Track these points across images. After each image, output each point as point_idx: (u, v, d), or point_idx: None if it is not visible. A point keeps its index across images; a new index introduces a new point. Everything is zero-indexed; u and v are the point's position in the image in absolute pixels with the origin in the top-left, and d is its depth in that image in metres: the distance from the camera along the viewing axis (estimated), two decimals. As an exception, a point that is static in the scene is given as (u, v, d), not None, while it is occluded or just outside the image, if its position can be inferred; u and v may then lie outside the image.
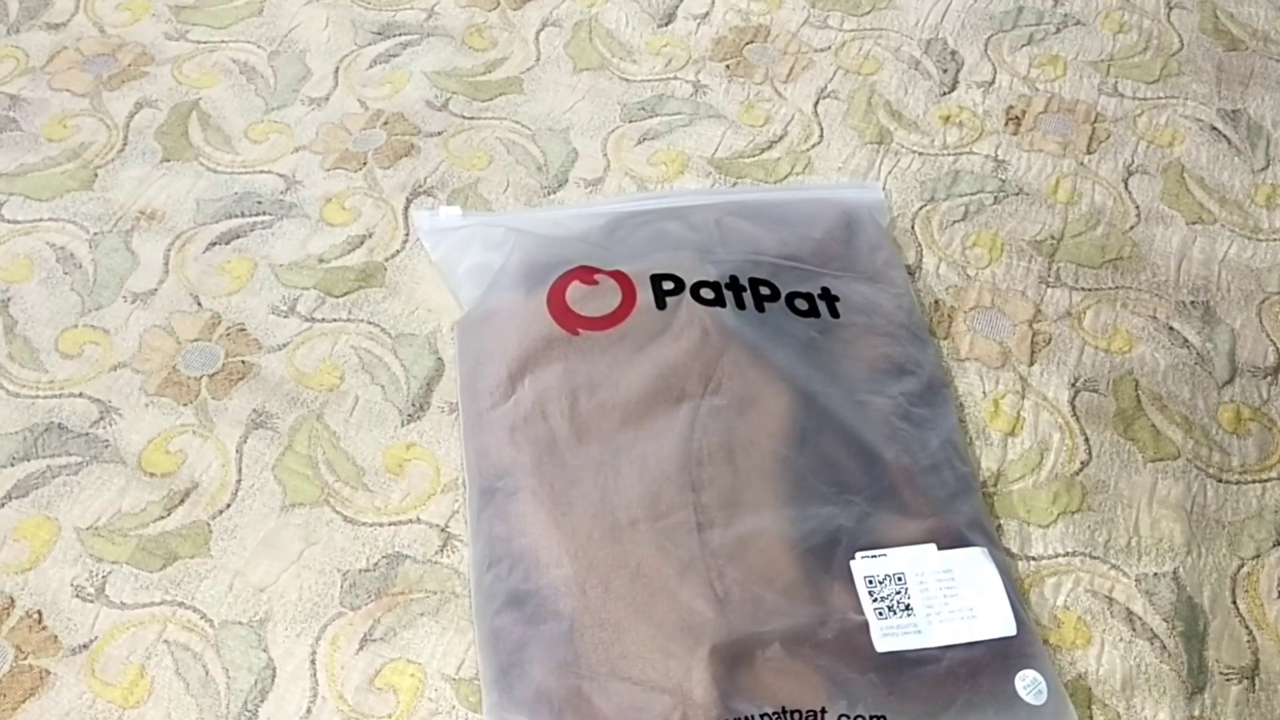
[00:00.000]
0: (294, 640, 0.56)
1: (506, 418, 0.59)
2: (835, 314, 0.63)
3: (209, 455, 0.63)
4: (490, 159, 0.78)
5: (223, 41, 0.85)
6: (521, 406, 0.59)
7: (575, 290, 0.63)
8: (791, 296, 0.64)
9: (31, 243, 0.72)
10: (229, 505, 0.61)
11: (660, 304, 0.62)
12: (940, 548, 0.54)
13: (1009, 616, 0.53)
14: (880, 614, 0.52)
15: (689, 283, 0.63)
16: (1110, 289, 0.71)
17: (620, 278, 0.63)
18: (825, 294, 0.64)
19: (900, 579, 0.53)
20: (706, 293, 0.62)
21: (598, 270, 0.63)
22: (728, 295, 0.63)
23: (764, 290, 0.64)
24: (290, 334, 0.68)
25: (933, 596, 0.53)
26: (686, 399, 0.58)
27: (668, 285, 0.63)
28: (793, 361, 0.60)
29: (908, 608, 0.52)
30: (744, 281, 0.63)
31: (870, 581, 0.53)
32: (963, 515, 0.57)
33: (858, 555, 0.54)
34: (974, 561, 0.54)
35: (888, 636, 0.52)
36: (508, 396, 0.60)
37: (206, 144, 0.78)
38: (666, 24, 0.87)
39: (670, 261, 0.64)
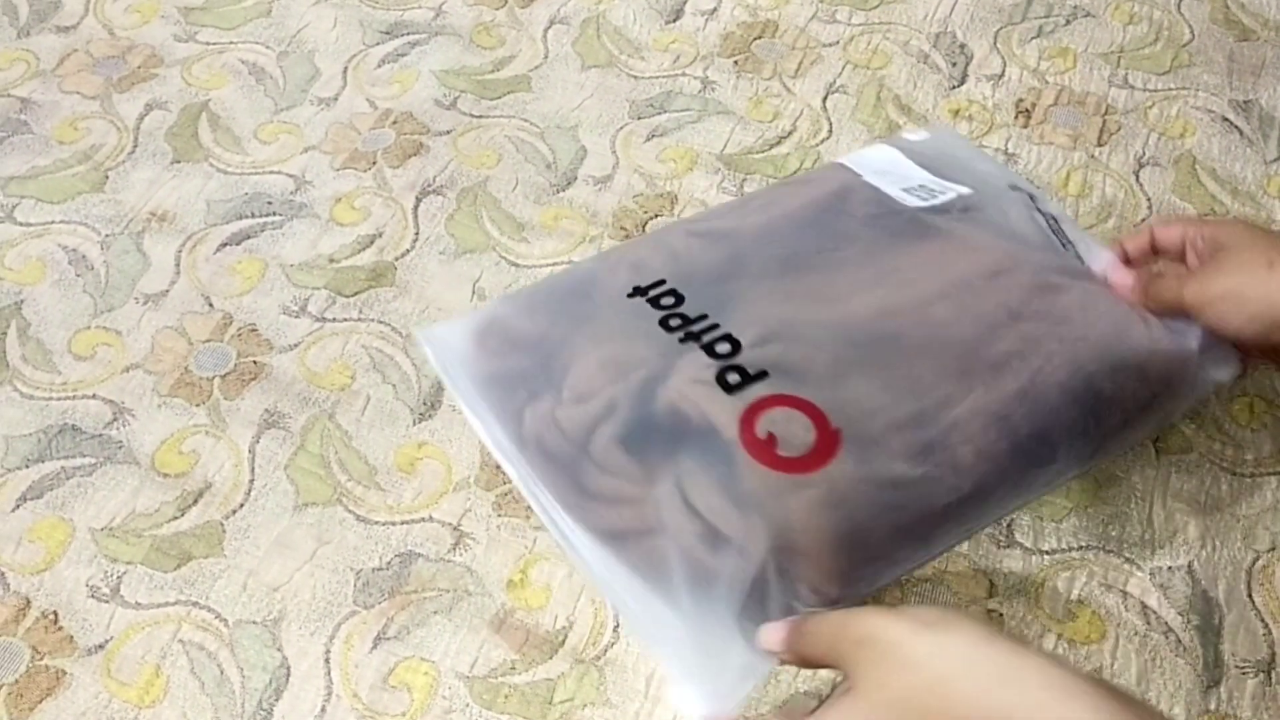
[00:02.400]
0: (308, 639, 0.56)
1: None
2: None
3: (222, 455, 0.63)
4: (499, 157, 0.78)
5: (232, 43, 0.85)
6: None
7: None
8: None
9: (44, 245, 0.73)
10: (242, 505, 0.61)
11: None
12: None
13: None
14: None
15: None
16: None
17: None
18: None
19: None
20: None
21: None
22: None
23: None
24: (301, 334, 0.68)
25: None
26: None
27: None
28: None
29: None
30: None
31: None
32: None
33: None
34: None
35: None
36: None
37: (216, 145, 0.78)
38: (674, 20, 0.87)
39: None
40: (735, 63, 0.84)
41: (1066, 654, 0.56)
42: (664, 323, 0.55)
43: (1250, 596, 0.58)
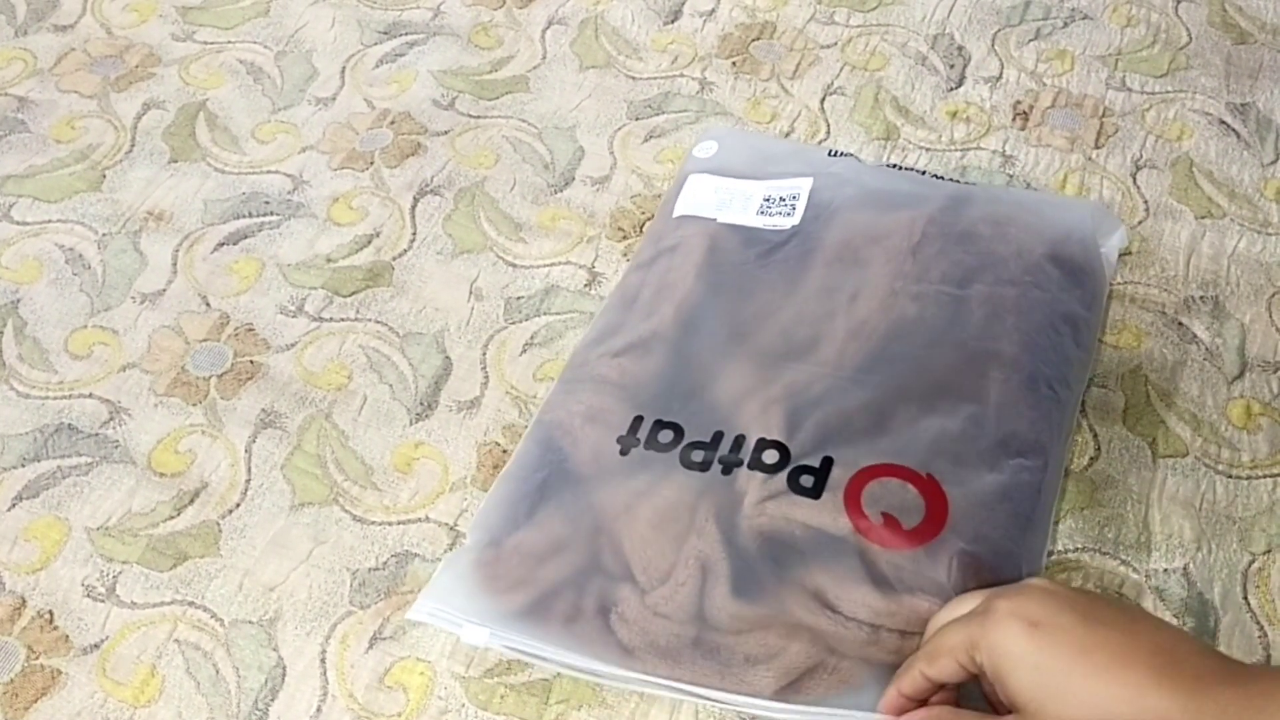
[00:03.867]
0: (304, 639, 0.56)
1: None
2: None
3: (218, 455, 0.63)
4: (497, 157, 0.78)
5: (229, 42, 0.85)
6: None
7: None
8: None
9: (40, 244, 0.72)
10: (238, 505, 0.61)
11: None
12: None
13: None
14: None
15: None
16: (1119, 284, 0.70)
17: None
18: None
19: None
20: None
21: None
22: None
23: None
24: (298, 334, 0.68)
25: None
26: None
27: None
28: None
29: None
30: None
31: None
32: None
33: None
34: None
35: None
36: None
37: (214, 144, 0.78)
38: (672, 21, 0.87)
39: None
40: (733, 64, 0.84)
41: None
42: (686, 462, 0.53)
43: (1246, 599, 0.58)
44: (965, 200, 0.62)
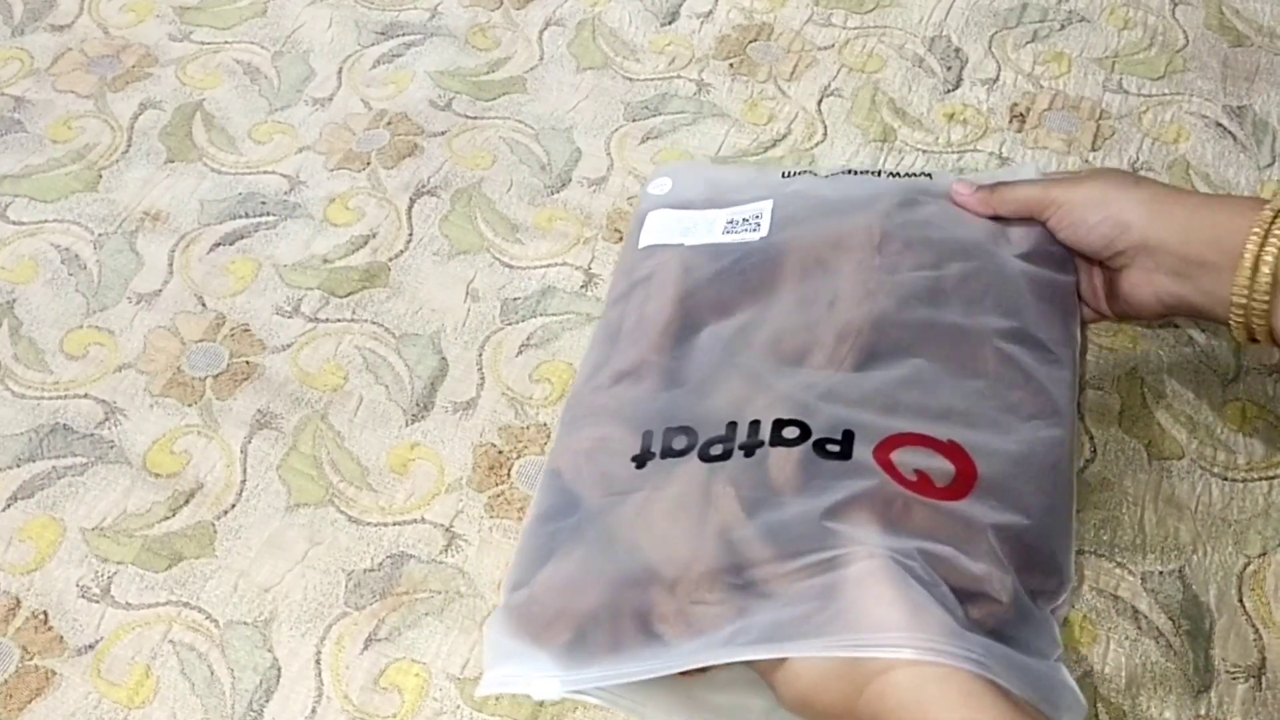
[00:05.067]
0: (299, 640, 0.56)
1: None
2: None
3: (214, 456, 0.63)
4: (494, 158, 0.78)
5: (226, 42, 0.85)
6: None
7: None
8: None
9: (36, 244, 0.72)
10: (234, 505, 0.61)
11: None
12: None
13: None
14: None
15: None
16: (1115, 286, 0.70)
17: None
18: None
19: None
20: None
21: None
22: None
23: None
24: (294, 334, 0.68)
25: None
26: None
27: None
28: None
29: None
30: None
31: None
32: None
33: None
34: None
35: None
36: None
37: (211, 145, 0.78)
38: (670, 23, 0.87)
39: None
40: (730, 65, 0.84)
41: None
42: (705, 457, 0.51)
43: (1241, 601, 0.58)
44: (919, 192, 0.63)
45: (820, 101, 0.82)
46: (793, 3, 0.89)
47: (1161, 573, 0.59)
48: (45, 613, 0.57)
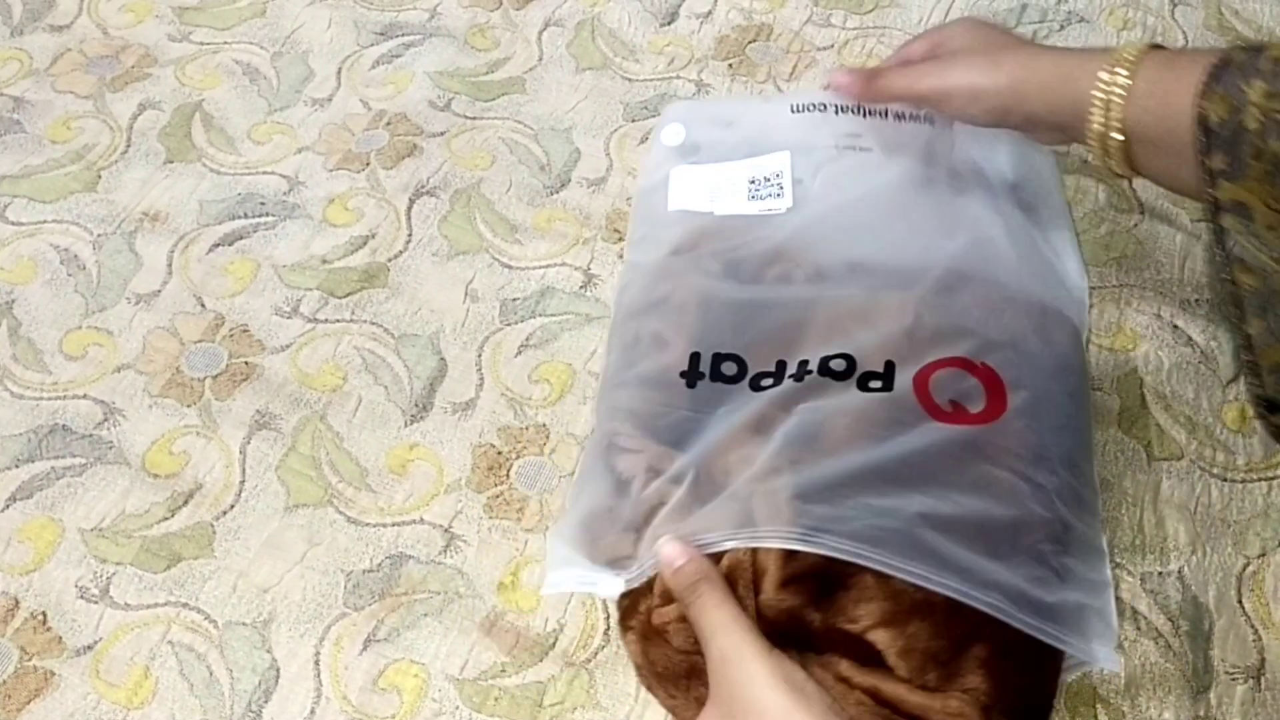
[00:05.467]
0: (298, 641, 0.56)
1: None
2: None
3: (213, 456, 0.63)
4: (493, 159, 0.78)
5: (226, 43, 0.85)
6: None
7: None
8: None
9: (35, 244, 0.72)
10: (232, 506, 0.61)
11: None
12: None
13: None
14: None
15: None
16: (1114, 287, 0.70)
17: None
18: None
19: None
20: None
21: None
22: None
23: None
24: (293, 335, 0.68)
25: None
26: None
27: None
28: None
29: None
30: None
31: None
32: None
33: None
34: None
35: None
36: None
37: (210, 145, 0.78)
38: (669, 23, 0.87)
39: None
40: (730, 66, 0.84)
41: (1056, 659, 0.56)
42: (756, 388, 0.54)
43: (1240, 603, 0.58)
44: (956, 276, 0.60)
45: (819, 102, 0.82)
46: (792, 3, 0.89)
47: (1161, 573, 0.59)
48: (44, 613, 0.57)
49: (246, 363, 0.67)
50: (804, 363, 0.54)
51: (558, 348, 0.67)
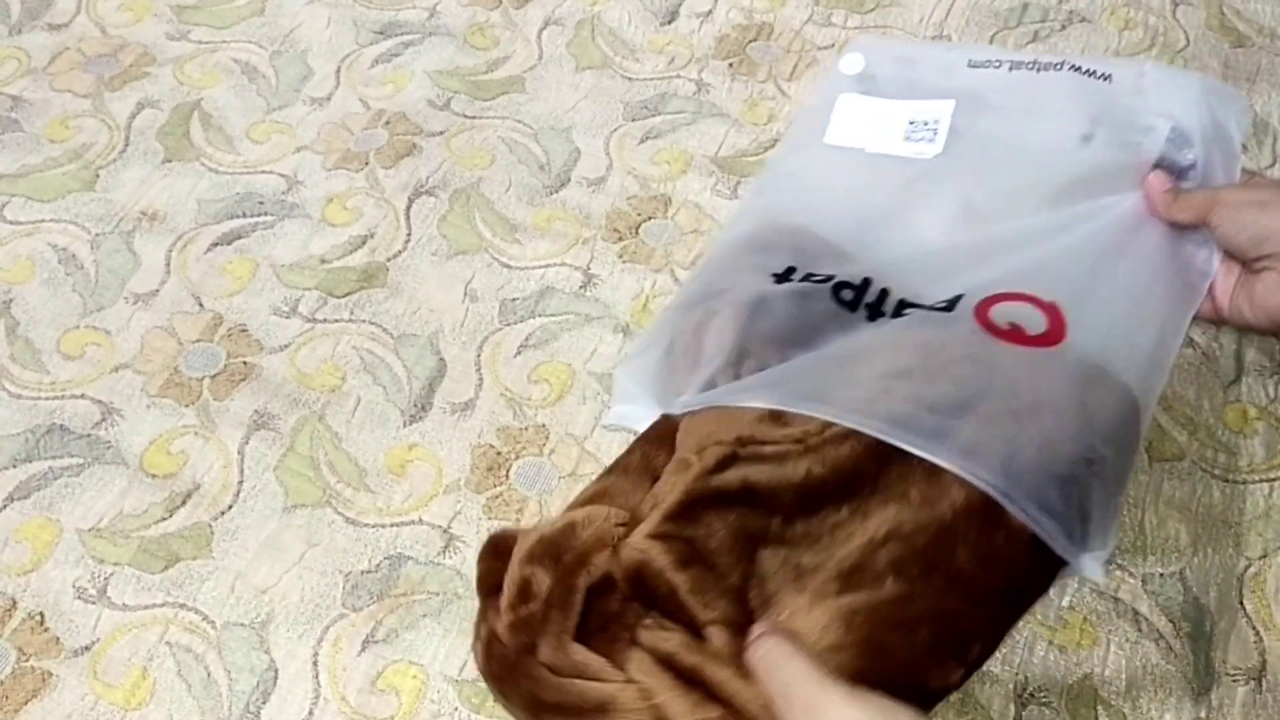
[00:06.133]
0: (296, 642, 0.56)
1: None
2: None
3: (211, 456, 0.62)
4: (492, 158, 0.77)
5: (224, 42, 0.85)
6: None
7: None
8: None
9: (33, 244, 0.72)
10: (231, 506, 0.61)
11: None
12: None
13: None
14: None
15: None
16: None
17: None
18: None
19: None
20: None
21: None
22: None
23: None
24: (292, 335, 0.68)
25: None
26: None
27: None
28: None
29: None
30: None
31: None
32: None
33: None
34: None
35: None
36: None
37: (208, 144, 0.78)
38: (669, 22, 0.87)
39: None
40: (730, 65, 0.84)
41: (1058, 660, 0.56)
42: (836, 296, 0.54)
43: (1242, 604, 0.58)
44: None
45: (820, 101, 0.81)
46: (792, 2, 0.89)
47: (1162, 575, 0.58)
48: (42, 614, 0.57)
49: (245, 362, 0.66)
50: (885, 293, 0.54)
51: (557, 348, 0.67)
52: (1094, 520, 0.48)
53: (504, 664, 0.44)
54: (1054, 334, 0.52)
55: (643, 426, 0.51)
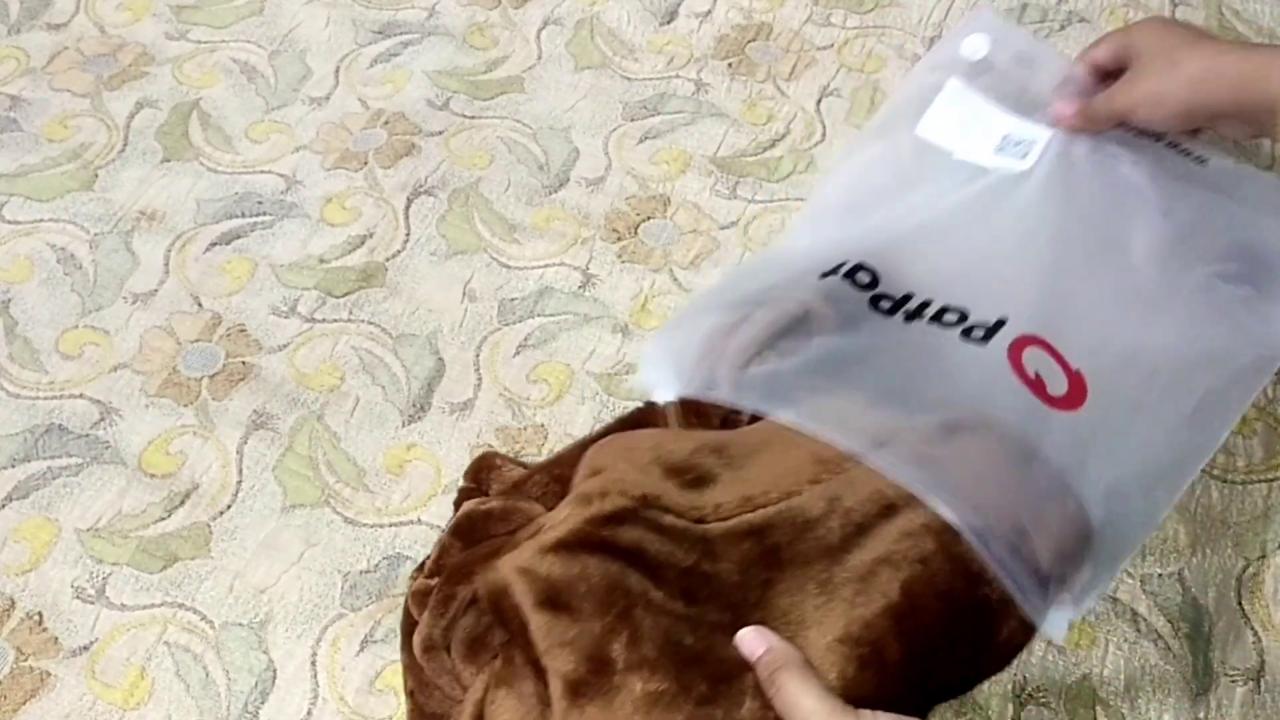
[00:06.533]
0: (294, 642, 0.56)
1: None
2: None
3: (209, 456, 0.62)
4: (491, 158, 0.77)
5: (223, 41, 0.85)
6: None
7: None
8: None
9: (32, 243, 0.72)
10: (229, 506, 0.61)
11: None
12: None
13: None
14: None
15: None
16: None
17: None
18: None
19: None
20: None
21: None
22: None
23: None
24: (291, 334, 0.68)
25: None
26: None
27: None
28: None
29: None
30: None
31: None
32: None
33: None
34: None
35: None
36: None
37: (207, 144, 0.78)
38: (668, 22, 0.87)
39: None
40: (729, 65, 0.84)
41: (1055, 661, 0.56)
42: (874, 305, 0.55)
43: (1240, 604, 0.58)
44: None
45: (819, 101, 0.81)
46: (792, 2, 0.89)
47: (1161, 575, 0.58)
48: (40, 614, 0.57)
49: (244, 362, 0.66)
50: (926, 303, 0.55)
51: (556, 348, 0.67)
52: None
53: (407, 615, 0.46)
54: (1072, 399, 0.52)
55: (662, 399, 0.52)
